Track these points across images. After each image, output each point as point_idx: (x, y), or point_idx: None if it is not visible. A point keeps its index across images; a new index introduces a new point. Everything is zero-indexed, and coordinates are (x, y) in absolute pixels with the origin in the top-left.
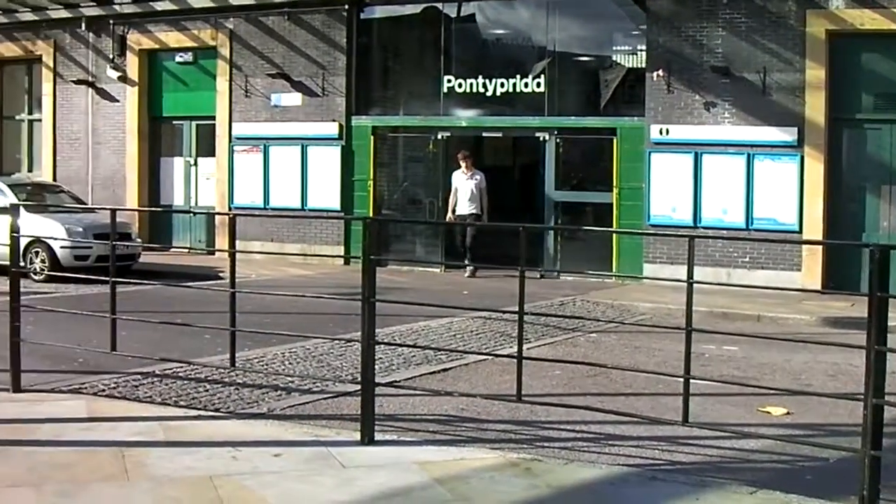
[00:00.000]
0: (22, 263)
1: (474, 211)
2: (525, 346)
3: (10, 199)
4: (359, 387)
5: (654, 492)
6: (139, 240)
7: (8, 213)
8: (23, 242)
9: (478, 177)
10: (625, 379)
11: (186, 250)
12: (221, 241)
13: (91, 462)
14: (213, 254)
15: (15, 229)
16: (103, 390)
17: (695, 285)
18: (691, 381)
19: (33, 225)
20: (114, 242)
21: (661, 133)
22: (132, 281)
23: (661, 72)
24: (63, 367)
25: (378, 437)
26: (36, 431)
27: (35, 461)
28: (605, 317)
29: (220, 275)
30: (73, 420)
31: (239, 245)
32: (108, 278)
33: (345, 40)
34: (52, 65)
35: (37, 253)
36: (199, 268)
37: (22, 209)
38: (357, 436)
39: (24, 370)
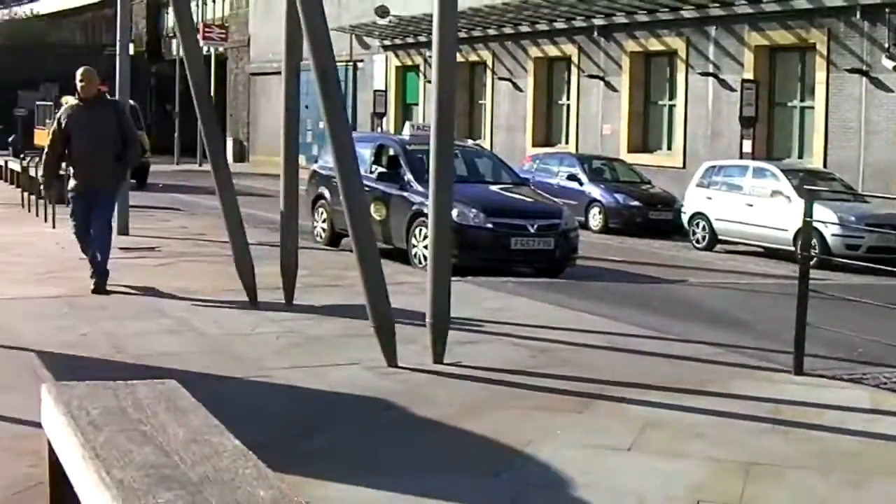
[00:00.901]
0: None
1: None
2: None
3: (783, 183)
4: None
5: None
6: None
7: (777, 197)
8: (793, 228)
9: None
10: None
11: None
12: None
13: (877, 454)
14: None
15: (808, 215)
16: (885, 383)
17: None
18: None
19: None
20: None
21: None
22: None
23: None
24: (841, 355)
25: None
26: (819, 416)
27: (820, 446)
28: None
29: None
30: (856, 409)
31: None
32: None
33: None
34: (825, 53)
35: None
36: None
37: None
38: None
39: (805, 354)
